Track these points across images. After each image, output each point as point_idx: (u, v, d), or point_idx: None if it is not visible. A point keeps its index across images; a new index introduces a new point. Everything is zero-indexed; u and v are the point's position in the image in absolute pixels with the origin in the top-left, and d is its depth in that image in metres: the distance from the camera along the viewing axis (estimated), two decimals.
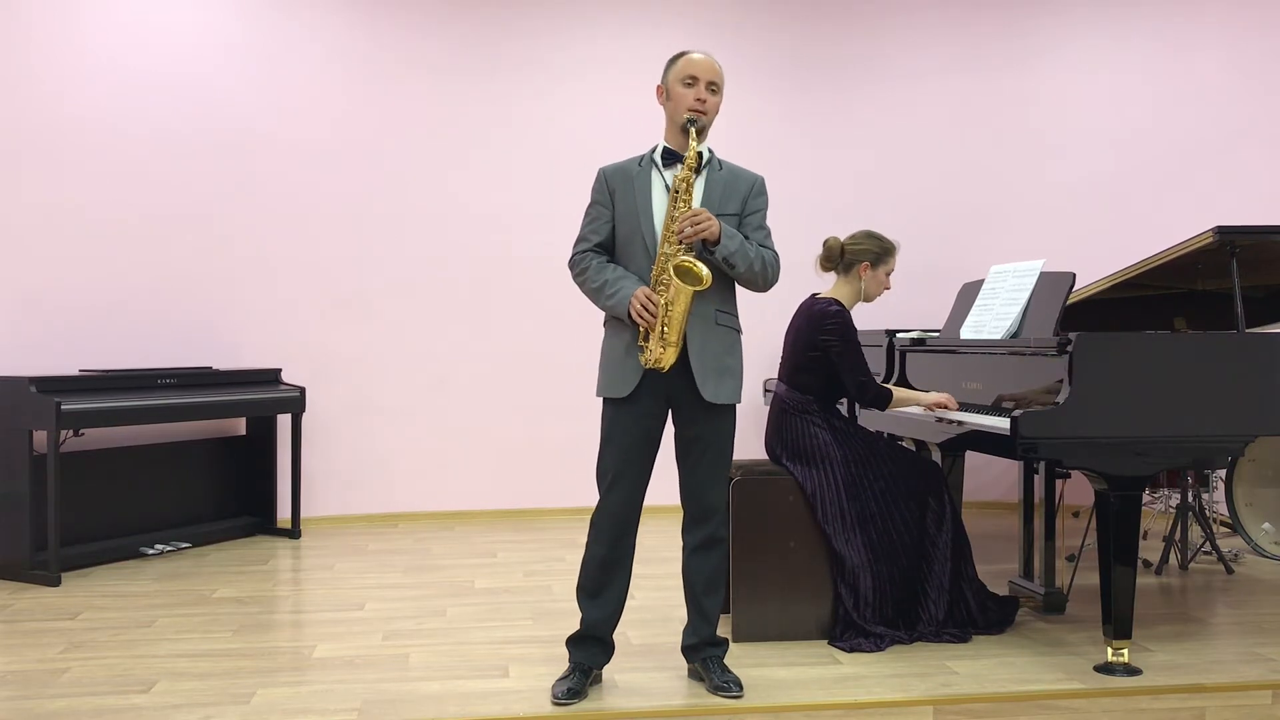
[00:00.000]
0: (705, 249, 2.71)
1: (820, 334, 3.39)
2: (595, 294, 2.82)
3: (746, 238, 2.81)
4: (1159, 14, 5.83)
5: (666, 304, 2.66)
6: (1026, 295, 3.49)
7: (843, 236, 3.56)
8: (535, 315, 5.66)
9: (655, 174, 2.82)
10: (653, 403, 2.79)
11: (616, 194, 2.83)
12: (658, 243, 2.75)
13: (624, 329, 2.78)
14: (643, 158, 2.87)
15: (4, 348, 4.90)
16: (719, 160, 2.86)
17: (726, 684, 2.83)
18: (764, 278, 2.83)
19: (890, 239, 3.54)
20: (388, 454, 5.57)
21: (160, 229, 5.24)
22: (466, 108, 5.67)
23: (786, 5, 5.96)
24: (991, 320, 3.63)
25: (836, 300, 3.46)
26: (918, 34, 6.01)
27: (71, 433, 4.35)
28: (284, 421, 5.24)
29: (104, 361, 5.03)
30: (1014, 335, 3.46)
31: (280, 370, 5.27)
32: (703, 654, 2.91)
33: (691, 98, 2.76)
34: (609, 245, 2.87)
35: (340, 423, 5.52)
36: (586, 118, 5.72)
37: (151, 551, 4.65)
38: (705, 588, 2.89)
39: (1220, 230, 3.17)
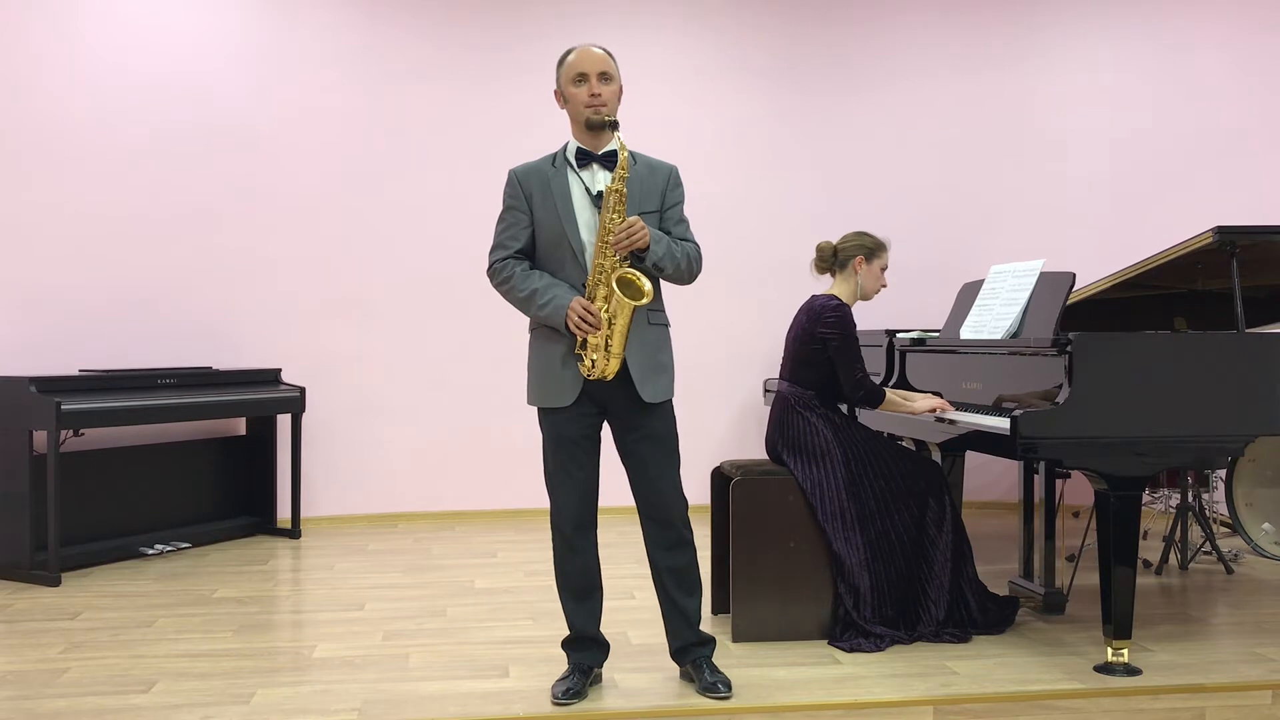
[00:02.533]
0: (635, 256, 2.69)
1: (820, 326, 3.41)
2: (524, 303, 2.75)
3: (668, 232, 2.80)
4: (1159, 14, 5.83)
5: (610, 317, 2.64)
6: (1026, 295, 3.49)
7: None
8: None
9: (572, 176, 2.77)
10: (588, 405, 2.78)
11: (533, 198, 2.78)
12: (586, 250, 2.72)
13: (557, 338, 2.74)
14: (555, 157, 2.82)
15: (4, 348, 4.91)
16: (632, 153, 2.77)
17: (715, 684, 2.82)
18: (690, 273, 2.82)
19: (880, 237, 3.58)
20: (388, 454, 5.57)
21: (160, 229, 5.25)
22: (467, 108, 5.67)
23: (786, 6, 5.95)
24: (991, 320, 3.63)
25: (836, 297, 3.49)
26: (917, 34, 6.01)
27: (71, 433, 4.35)
28: (284, 421, 5.24)
29: (104, 361, 5.03)
30: (1014, 335, 3.46)
31: (280, 370, 5.27)
32: (691, 655, 2.90)
33: (586, 94, 2.72)
34: (529, 251, 2.82)
35: (340, 423, 5.52)
36: None
37: (151, 551, 4.65)
38: (680, 588, 2.86)
39: (1220, 230, 3.17)
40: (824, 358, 3.43)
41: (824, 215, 5.89)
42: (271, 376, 5.20)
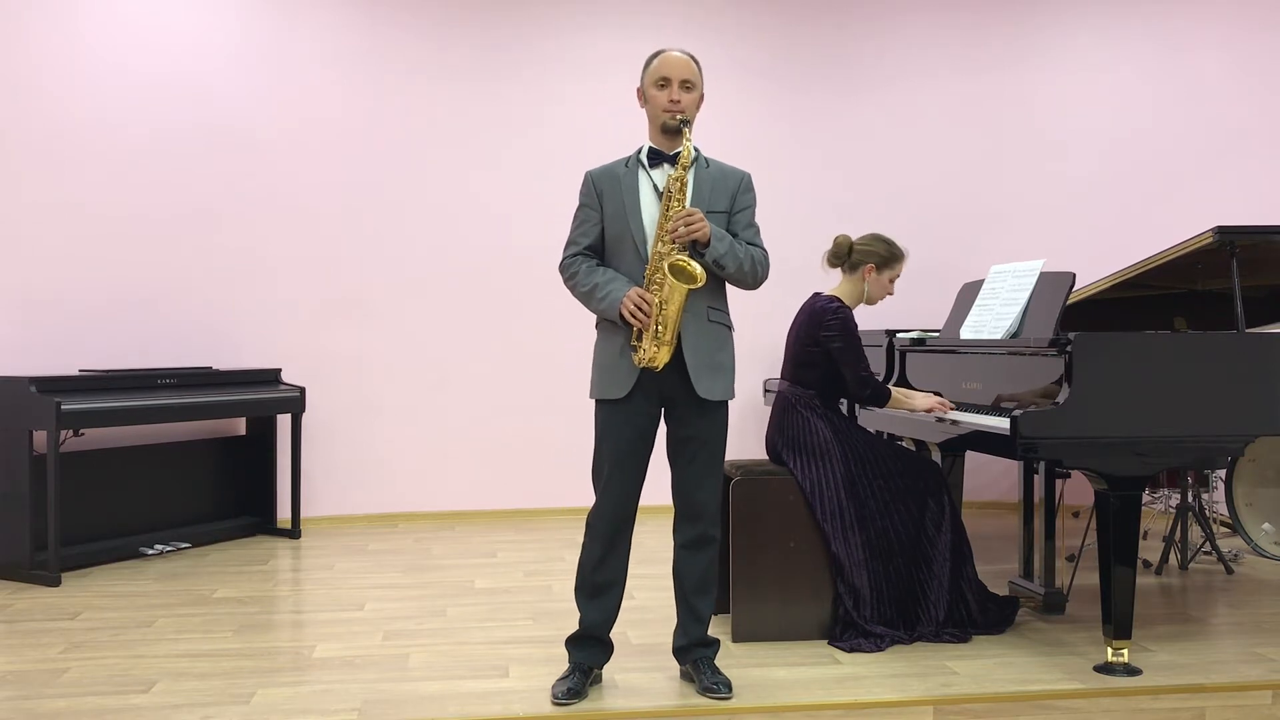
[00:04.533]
0: (695, 250, 2.72)
1: (821, 330, 3.41)
2: (586, 297, 2.81)
3: (736, 235, 2.82)
4: (1159, 14, 5.83)
5: (661, 302, 2.67)
6: (1026, 295, 3.49)
7: (853, 237, 3.57)
8: (535, 315, 5.66)
9: (643, 175, 2.82)
10: (646, 402, 2.79)
11: (604, 195, 2.83)
12: (648, 242, 2.76)
13: (617, 331, 2.78)
14: (629, 159, 2.88)
15: (4, 348, 4.90)
16: (705, 158, 2.86)
17: (716, 685, 2.82)
18: (754, 277, 2.84)
19: (901, 247, 3.55)
20: (388, 454, 5.57)
21: (160, 229, 5.25)
22: (467, 108, 5.67)
23: (786, 6, 5.95)
24: (991, 320, 3.63)
25: (838, 298, 3.49)
26: (918, 34, 6.01)
27: (71, 433, 4.35)
28: (284, 421, 5.24)
29: (104, 361, 5.03)
30: (1014, 335, 3.47)
31: (280, 370, 5.27)
32: (693, 655, 2.91)
33: (665, 99, 2.78)
34: (599, 248, 2.87)
35: (340, 423, 5.52)
36: (586, 118, 5.72)
37: (151, 551, 4.65)
38: (696, 587, 2.89)
39: (1220, 230, 3.17)
40: (824, 359, 3.43)
41: (824, 215, 5.89)
42: (271, 376, 5.20)
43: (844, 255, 3.52)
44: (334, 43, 5.53)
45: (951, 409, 3.48)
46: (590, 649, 2.89)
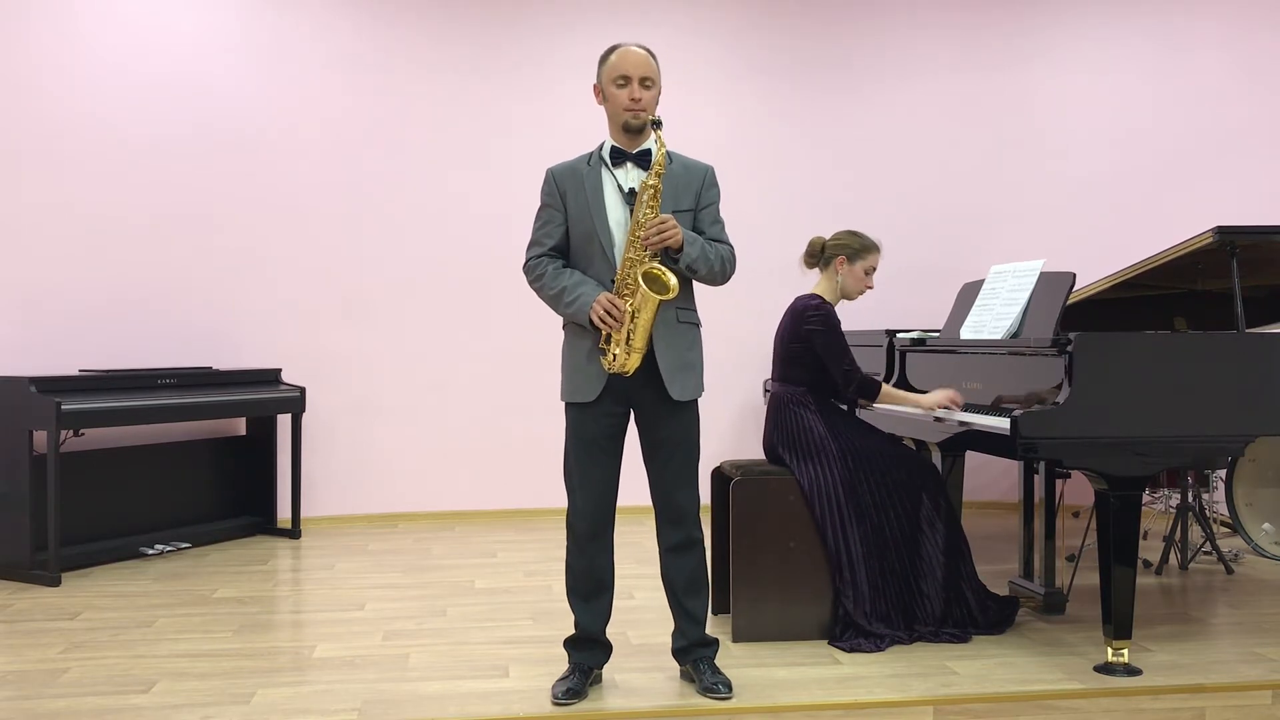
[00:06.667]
0: (668, 256, 2.70)
1: (804, 324, 3.45)
2: (554, 300, 2.78)
3: (702, 232, 2.81)
4: (1159, 14, 5.83)
5: (634, 310, 2.65)
6: (1026, 295, 3.49)
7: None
8: (535, 315, 5.62)
9: (605, 174, 2.79)
10: (614, 403, 2.79)
11: (567, 194, 2.80)
12: (615, 246, 2.74)
13: (585, 334, 2.76)
14: (591, 156, 2.84)
15: (4, 348, 4.90)
16: (669, 152, 2.79)
17: (716, 685, 2.82)
18: (723, 275, 2.83)
19: (872, 238, 3.60)
20: (388, 454, 5.57)
21: (160, 229, 5.25)
22: (466, 108, 5.67)
23: (787, 5, 5.95)
24: (991, 320, 3.63)
25: (817, 295, 3.53)
26: (918, 34, 6.01)
27: (71, 433, 4.35)
28: (284, 421, 5.24)
29: (104, 361, 5.02)
30: (1014, 335, 3.47)
31: (280, 370, 5.27)
32: (693, 655, 2.91)
33: (626, 98, 2.73)
34: (563, 248, 2.84)
35: (340, 423, 5.51)
36: (585, 118, 5.67)
37: (151, 551, 4.65)
38: (687, 589, 2.88)
39: (1220, 230, 3.17)
40: (810, 355, 3.47)
41: (824, 215, 5.88)
42: (271, 376, 5.20)
43: (817, 253, 3.60)
44: (334, 43, 5.53)
45: (960, 403, 3.49)
46: (588, 650, 2.90)
